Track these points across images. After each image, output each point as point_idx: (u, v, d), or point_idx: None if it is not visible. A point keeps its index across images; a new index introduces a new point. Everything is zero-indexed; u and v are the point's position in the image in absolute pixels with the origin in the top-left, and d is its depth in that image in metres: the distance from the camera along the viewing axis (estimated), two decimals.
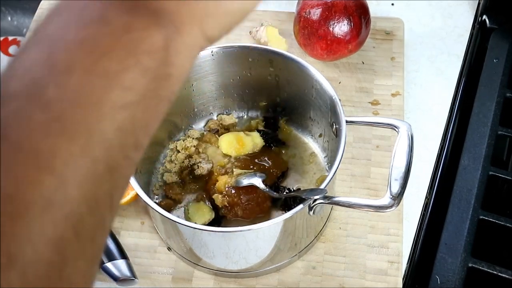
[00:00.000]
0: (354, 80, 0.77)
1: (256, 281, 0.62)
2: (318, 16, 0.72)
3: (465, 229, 0.62)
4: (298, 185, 0.67)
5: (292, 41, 0.79)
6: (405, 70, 0.78)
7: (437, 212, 0.66)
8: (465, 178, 0.66)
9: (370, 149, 0.70)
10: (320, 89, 0.62)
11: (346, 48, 0.74)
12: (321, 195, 0.53)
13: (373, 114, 0.73)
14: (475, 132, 0.70)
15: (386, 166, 0.66)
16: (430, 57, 0.81)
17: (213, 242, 0.57)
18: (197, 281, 0.62)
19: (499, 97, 0.73)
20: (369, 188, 0.67)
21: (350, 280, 0.61)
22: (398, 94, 0.75)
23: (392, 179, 0.51)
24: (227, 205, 0.63)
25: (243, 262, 0.60)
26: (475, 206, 0.64)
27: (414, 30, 0.83)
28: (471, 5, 0.86)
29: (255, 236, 0.56)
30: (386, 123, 0.57)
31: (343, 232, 0.64)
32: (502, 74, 0.75)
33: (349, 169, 0.69)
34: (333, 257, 0.63)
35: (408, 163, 0.52)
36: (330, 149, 0.67)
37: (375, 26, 0.81)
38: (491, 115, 0.71)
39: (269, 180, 0.64)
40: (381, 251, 0.63)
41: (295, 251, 0.61)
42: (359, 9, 0.73)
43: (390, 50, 0.79)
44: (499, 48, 0.78)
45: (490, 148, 0.68)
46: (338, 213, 0.65)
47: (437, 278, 0.59)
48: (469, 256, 0.61)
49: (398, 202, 0.51)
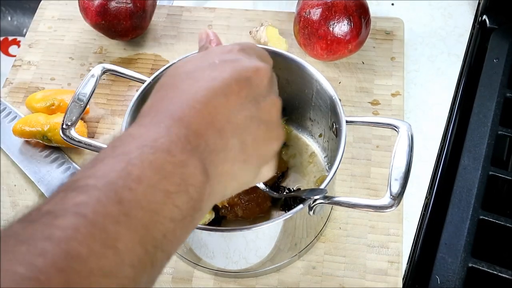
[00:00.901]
0: (354, 80, 0.77)
1: (256, 281, 0.62)
2: (318, 16, 0.72)
3: (465, 229, 0.62)
4: (298, 185, 0.67)
5: (292, 41, 0.79)
6: (405, 70, 0.78)
7: (437, 212, 0.66)
8: (465, 178, 0.66)
9: (370, 149, 0.70)
10: (320, 89, 0.62)
11: (346, 48, 0.74)
12: (321, 195, 0.53)
13: (373, 114, 0.73)
14: (475, 132, 0.70)
15: (386, 166, 0.66)
16: (430, 57, 0.81)
17: (213, 242, 0.57)
18: (197, 281, 0.62)
19: (499, 97, 0.73)
20: (369, 188, 0.67)
21: (350, 280, 0.61)
22: (398, 94, 0.75)
23: (392, 179, 0.51)
24: (227, 205, 0.63)
25: (243, 262, 0.60)
26: (475, 206, 0.64)
27: (414, 30, 0.83)
28: (471, 5, 0.86)
29: (255, 236, 0.56)
30: (386, 123, 0.57)
31: (343, 232, 0.64)
32: (502, 74, 0.75)
33: (349, 169, 0.69)
34: (333, 257, 0.63)
35: (408, 163, 0.52)
36: (330, 149, 0.67)
37: (375, 26, 0.81)
38: (491, 115, 0.71)
39: (269, 180, 0.64)
40: (381, 251, 0.63)
41: (295, 251, 0.61)
42: (359, 9, 0.73)
43: (390, 50, 0.79)
44: (499, 48, 0.78)
45: (490, 148, 0.68)
46: (338, 213, 0.65)
47: (437, 278, 0.59)
48: (469, 256, 0.61)
49: (398, 202, 0.51)
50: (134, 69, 0.75)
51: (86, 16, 0.79)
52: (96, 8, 0.77)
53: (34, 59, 0.83)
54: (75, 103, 0.61)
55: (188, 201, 0.34)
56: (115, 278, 0.29)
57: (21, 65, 0.82)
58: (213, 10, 0.86)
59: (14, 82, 0.81)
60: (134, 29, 0.79)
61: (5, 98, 0.79)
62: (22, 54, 0.84)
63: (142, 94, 0.60)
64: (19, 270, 0.27)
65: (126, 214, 0.31)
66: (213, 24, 0.85)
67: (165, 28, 0.85)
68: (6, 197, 0.70)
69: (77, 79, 0.80)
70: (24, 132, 0.71)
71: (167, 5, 0.89)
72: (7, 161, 0.73)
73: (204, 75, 0.40)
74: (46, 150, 0.73)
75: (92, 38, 0.84)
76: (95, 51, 0.83)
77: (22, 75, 0.81)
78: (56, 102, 0.74)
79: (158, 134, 0.35)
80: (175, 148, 0.35)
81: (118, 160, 0.33)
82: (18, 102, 0.78)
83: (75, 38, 0.85)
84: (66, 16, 0.87)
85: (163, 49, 0.83)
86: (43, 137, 0.71)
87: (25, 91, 0.79)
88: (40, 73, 0.81)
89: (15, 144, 0.73)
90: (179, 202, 0.34)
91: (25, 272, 0.27)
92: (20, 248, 0.28)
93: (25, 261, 0.28)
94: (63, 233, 0.29)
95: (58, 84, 0.80)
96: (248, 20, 0.85)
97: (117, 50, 0.83)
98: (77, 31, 0.85)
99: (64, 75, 0.81)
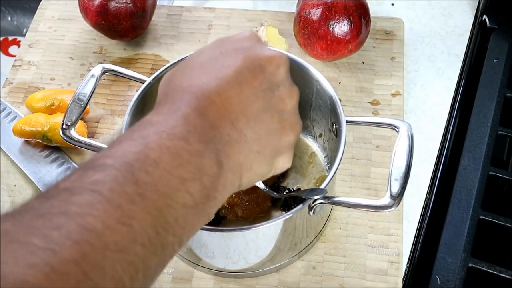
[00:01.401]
0: (354, 80, 0.77)
1: (256, 281, 0.62)
2: (318, 16, 0.72)
3: (465, 229, 0.62)
4: (298, 185, 0.67)
5: (292, 41, 0.79)
6: (405, 70, 0.78)
7: (437, 212, 0.66)
8: (465, 178, 0.66)
9: (370, 149, 0.70)
10: (320, 89, 0.62)
11: (346, 48, 0.74)
12: (321, 195, 0.53)
13: (373, 114, 0.73)
14: (475, 132, 0.70)
15: (386, 166, 0.66)
16: (430, 57, 0.81)
17: (213, 242, 0.57)
18: (197, 281, 0.62)
19: (499, 97, 0.73)
20: (369, 188, 0.67)
21: (350, 280, 0.61)
22: (398, 94, 0.75)
23: (392, 179, 0.51)
24: (227, 205, 0.63)
25: (243, 262, 0.60)
26: (475, 206, 0.64)
27: (414, 30, 0.83)
28: (471, 5, 0.86)
29: (255, 236, 0.56)
30: (386, 123, 0.57)
31: (343, 232, 0.64)
32: (502, 74, 0.75)
33: (349, 169, 0.69)
34: (333, 257, 0.63)
35: (408, 163, 0.52)
36: (330, 149, 0.67)
37: (375, 26, 0.81)
38: (491, 115, 0.71)
39: (269, 180, 0.64)
40: (381, 251, 0.63)
41: (295, 251, 0.61)
42: (359, 9, 0.73)
43: (390, 50, 0.79)
44: (499, 48, 0.78)
45: (490, 148, 0.68)
46: (338, 213, 0.65)
47: (437, 278, 0.59)
48: (469, 256, 0.61)
49: (398, 202, 0.51)
50: (134, 69, 0.75)
51: (86, 16, 0.79)
52: (96, 8, 0.77)
53: (34, 59, 0.83)
54: (75, 103, 0.61)
55: (201, 189, 0.35)
56: (127, 254, 0.30)
57: (21, 65, 0.82)
58: (213, 10, 0.86)
59: (14, 82, 0.81)
60: (134, 29, 0.79)
61: (5, 98, 0.79)
62: (22, 54, 0.84)
63: (142, 94, 0.60)
64: (34, 242, 0.27)
65: (141, 195, 0.32)
66: (213, 24, 0.85)
67: (165, 28, 0.85)
68: (6, 197, 0.70)
69: (77, 79, 0.80)
70: (24, 132, 0.71)
71: (167, 5, 0.89)
72: (7, 161, 0.73)
73: (217, 64, 0.41)
74: (46, 150, 0.73)
75: (92, 38, 0.84)
76: (95, 51, 0.83)
77: (22, 75, 0.81)
78: (56, 102, 0.74)
79: (175, 122, 0.36)
80: (191, 137, 0.36)
81: (136, 143, 0.34)
82: (18, 102, 0.78)
83: (75, 38, 0.85)
84: (66, 16, 0.87)
85: (163, 49, 0.83)
86: (43, 137, 0.71)
87: (25, 91, 0.79)
88: (40, 73, 0.81)
89: (15, 144, 0.73)
90: (192, 190, 0.34)
91: (40, 243, 0.27)
92: (36, 222, 0.29)
93: (41, 234, 0.28)
94: (79, 209, 0.30)
95: (58, 84, 0.80)
96: (248, 20, 0.85)
97: (117, 50, 0.83)
98: (77, 31, 0.85)
99: (64, 75, 0.81)
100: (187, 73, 0.41)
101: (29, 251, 0.27)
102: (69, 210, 0.30)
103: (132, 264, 0.30)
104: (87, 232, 0.29)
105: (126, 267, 0.30)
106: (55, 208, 0.30)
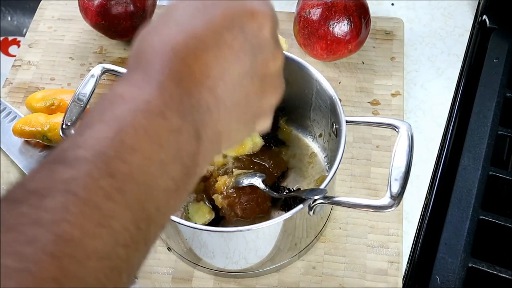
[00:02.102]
0: (354, 80, 0.77)
1: (256, 281, 0.62)
2: (318, 16, 0.72)
3: (465, 229, 0.62)
4: (298, 185, 0.67)
5: (292, 41, 0.79)
6: (405, 70, 0.78)
7: (437, 212, 0.66)
8: (465, 178, 0.66)
9: (370, 149, 0.70)
10: (320, 89, 0.62)
11: (346, 48, 0.74)
12: (321, 195, 0.53)
13: (373, 114, 0.73)
14: (475, 132, 0.70)
15: (386, 166, 0.66)
16: (430, 57, 0.81)
17: (213, 242, 0.57)
18: (197, 281, 0.62)
19: (499, 97, 0.73)
20: (369, 188, 0.67)
21: (350, 280, 0.61)
22: (398, 94, 0.75)
23: (392, 179, 0.51)
24: (226, 205, 0.63)
25: (243, 262, 0.60)
26: (475, 206, 0.64)
27: (414, 30, 0.83)
28: (471, 5, 0.86)
29: (255, 236, 0.56)
30: (386, 123, 0.57)
31: (343, 232, 0.64)
32: (502, 74, 0.75)
33: (349, 169, 0.69)
34: (333, 257, 0.63)
35: (408, 163, 0.52)
36: (330, 149, 0.67)
37: (375, 26, 0.81)
38: (491, 115, 0.71)
39: (269, 180, 0.64)
40: (381, 251, 0.63)
41: (295, 251, 0.61)
42: (359, 9, 0.73)
43: (390, 50, 0.79)
44: (499, 48, 0.78)
45: (490, 148, 0.68)
46: (338, 213, 0.65)
47: (437, 278, 0.59)
48: (469, 256, 0.61)
49: (398, 202, 0.51)
50: None
51: (86, 16, 0.79)
52: (96, 8, 0.77)
53: (34, 59, 0.83)
54: (75, 103, 0.61)
55: (182, 169, 0.33)
56: (109, 260, 0.27)
57: (21, 65, 0.82)
58: None
59: (14, 82, 0.81)
60: (134, 29, 0.79)
61: (5, 98, 0.79)
62: (22, 54, 0.84)
63: None
64: (6, 262, 0.25)
65: (119, 189, 0.29)
66: None
67: None
68: None
69: (77, 79, 0.80)
70: (24, 132, 0.71)
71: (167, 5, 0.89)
72: (7, 161, 0.73)
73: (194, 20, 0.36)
74: (46, 150, 0.73)
75: (92, 38, 0.84)
76: (95, 51, 0.83)
77: (22, 75, 0.81)
78: (56, 102, 0.74)
79: (149, 95, 0.32)
80: (168, 111, 0.32)
81: (109, 127, 0.30)
82: (18, 102, 0.78)
83: (75, 38, 0.85)
84: (66, 16, 0.87)
85: None
86: (43, 137, 0.71)
87: (25, 91, 0.79)
88: (40, 73, 0.81)
89: (15, 144, 0.73)
90: (174, 173, 0.32)
91: (13, 264, 0.25)
92: (7, 236, 0.25)
93: (13, 252, 0.25)
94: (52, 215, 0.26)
95: (58, 84, 0.80)
96: None
97: (117, 50, 0.83)
98: (77, 31, 0.85)
99: (64, 75, 0.81)
100: (161, 29, 0.36)
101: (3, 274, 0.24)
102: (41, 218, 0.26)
103: (115, 269, 0.28)
104: (64, 243, 0.26)
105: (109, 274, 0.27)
106: (26, 217, 0.26)
